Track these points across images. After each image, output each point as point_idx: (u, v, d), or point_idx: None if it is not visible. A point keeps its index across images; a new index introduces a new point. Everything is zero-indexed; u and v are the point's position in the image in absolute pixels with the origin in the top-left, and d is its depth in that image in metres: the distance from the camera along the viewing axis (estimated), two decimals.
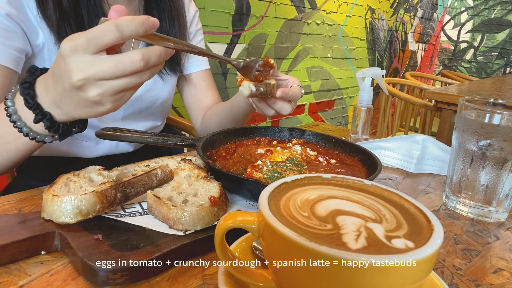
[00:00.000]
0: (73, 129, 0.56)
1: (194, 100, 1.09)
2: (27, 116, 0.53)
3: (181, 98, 1.12)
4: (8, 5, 0.70)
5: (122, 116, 0.92)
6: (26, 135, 0.55)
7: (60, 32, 0.73)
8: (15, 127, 0.54)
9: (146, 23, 0.45)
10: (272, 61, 0.72)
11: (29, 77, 0.53)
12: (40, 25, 0.74)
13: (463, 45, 5.17)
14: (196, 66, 1.06)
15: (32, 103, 0.52)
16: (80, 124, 0.57)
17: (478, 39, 5.02)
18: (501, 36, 4.84)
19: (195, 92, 1.08)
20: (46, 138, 0.56)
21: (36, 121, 0.52)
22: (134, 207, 0.55)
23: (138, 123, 0.96)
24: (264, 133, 0.85)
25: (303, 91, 0.79)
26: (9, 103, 0.54)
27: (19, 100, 0.53)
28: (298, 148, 0.80)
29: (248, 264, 0.39)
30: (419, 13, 4.68)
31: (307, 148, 0.81)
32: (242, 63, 0.68)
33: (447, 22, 5.28)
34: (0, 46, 0.69)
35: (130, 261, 0.41)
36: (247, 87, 0.70)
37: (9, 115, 0.54)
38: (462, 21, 5.14)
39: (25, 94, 0.52)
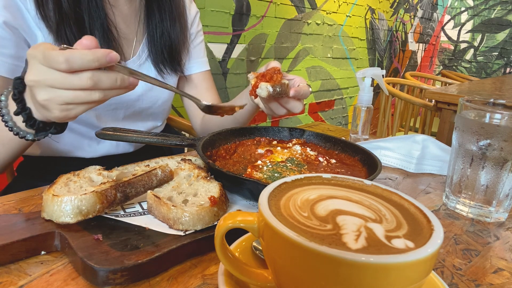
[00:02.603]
0: (48, 128, 0.59)
1: (192, 103, 1.09)
2: (13, 109, 0.56)
3: (181, 98, 1.12)
4: (4, 11, 0.69)
5: (123, 116, 0.92)
6: (11, 129, 0.58)
7: (59, 32, 0.73)
8: (3, 120, 0.57)
9: (101, 59, 0.48)
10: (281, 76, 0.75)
11: (23, 73, 0.56)
12: (39, 26, 0.74)
13: (463, 45, 5.17)
14: (197, 67, 1.06)
15: (18, 96, 0.55)
16: (57, 126, 0.59)
17: (478, 39, 5.01)
18: (501, 36, 4.84)
19: (195, 93, 1.08)
20: (27, 135, 0.59)
21: (16, 113, 0.56)
22: (134, 207, 0.55)
23: (139, 123, 0.96)
24: (264, 133, 0.85)
25: (310, 89, 0.81)
26: (2, 98, 0.58)
27: (10, 98, 0.57)
28: (298, 148, 0.80)
29: (248, 264, 0.39)
30: (419, 13, 4.68)
31: (307, 148, 0.81)
32: (204, 105, 0.70)
33: (447, 22, 5.28)
34: None
35: (130, 261, 0.41)
36: (264, 88, 0.72)
37: (0, 108, 0.58)
38: (462, 21, 5.14)
39: (14, 87, 0.55)
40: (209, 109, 0.69)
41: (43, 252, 0.45)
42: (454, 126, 0.67)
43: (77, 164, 0.74)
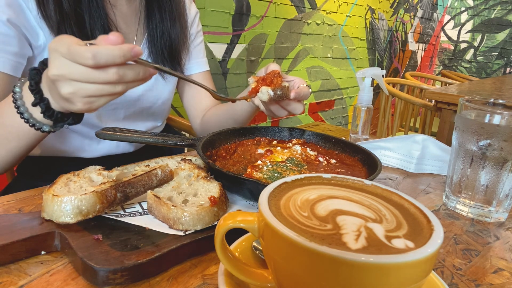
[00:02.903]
0: (66, 119, 0.59)
1: (194, 101, 1.09)
2: (30, 101, 0.56)
3: (180, 98, 1.12)
4: (7, 9, 0.70)
5: (124, 116, 0.92)
6: (27, 121, 0.58)
7: (60, 32, 0.73)
8: (19, 112, 0.57)
9: (127, 54, 0.48)
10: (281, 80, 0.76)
11: (39, 65, 0.57)
12: (40, 26, 0.74)
13: (463, 45, 5.16)
14: (197, 67, 1.06)
15: (35, 87, 0.55)
16: (75, 117, 0.60)
17: (478, 39, 5.01)
18: (501, 36, 4.84)
19: (195, 93, 1.08)
20: (44, 127, 0.59)
21: (33, 104, 0.55)
22: (134, 207, 0.55)
23: (139, 123, 0.96)
24: (264, 133, 0.85)
25: (310, 90, 0.81)
26: (17, 89, 0.58)
27: (26, 86, 0.57)
28: (298, 148, 0.80)
29: (248, 264, 0.39)
30: (419, 13, 4.68)
31: (307, 148, 0.81)
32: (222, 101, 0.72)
33: (447, 22, 5.28)
34: None
35: (130, 261, 0.41)
36: (265, 92, 0.72)
37: (15, 100, 0.57)
38: (462, 21, 5.13)
39: (31, 78, 0.55)
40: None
41: (43, 252, 0.45)
42: (454, 126, 0.67)
43: (77, 164, 0.74)
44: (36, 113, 0.57)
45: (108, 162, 0.68)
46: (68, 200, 0.46)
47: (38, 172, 0.92)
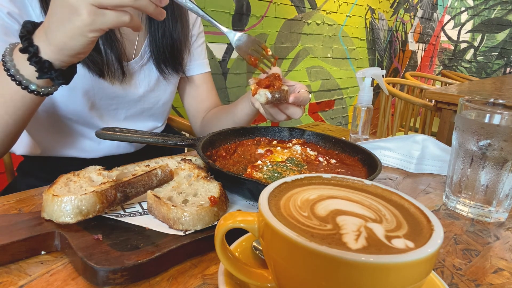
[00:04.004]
0: (53, 73, 0.57)
1: (194, 103, 1.09)
2: (21, 60, 0.56)
3: (181, 99, 1.12)
4: (10, 3, 0.70)
5: (124, 117, 0.92)
6: (13, 78, 0.56)
7: None
8: (5, 69, 0.56)
9: None
10: (270, 52, 0.74)
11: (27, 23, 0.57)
12: None
13: (463, 45, 5.16)
14: (198, 68, 1.06)
15: (25, 34, 0.55)
16: (64, 75, 0.58)
17: (478, 39, 5.01)
18: (501, 36, 4.84)
19: (196, 95, 1.08)
20: (31, 85, 0.58)
21: (22, 49, 0.55)
22: (134, 207, 0.55)
23: (140, 123, 0.97)
24: (264, 133, 0.85)
25: (310, 95, 0.81)
26: (7, 47, 0.58)
27: (16, 50, 0.57)
28: (298, 148, 0.80)
29: (248, 264, 0.39)
30: (419, 13, 4.68)
31: (307, 148, 0.81)
32: (238, 40, 0.69)
33: (447, 22, 5.28)
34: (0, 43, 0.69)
35: (130, 261, 0.41)
36: (263, 94, 0.72)
37: (3, 56, 0.57)
38: (462, 21, 5.14)
39: (23, 26, 0.56)
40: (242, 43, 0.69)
41: (43, 252, 0.45)
42: (454, 126, 0.67)
43: (78, 164, 0.74)
44: (23, 67, 0.56)
45: (108, 162, 0.68)
46: (68, 200, 0.46)
47: (38, 172, 0.92)
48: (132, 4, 0.50)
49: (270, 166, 0.68)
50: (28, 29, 0.56)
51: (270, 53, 0.74)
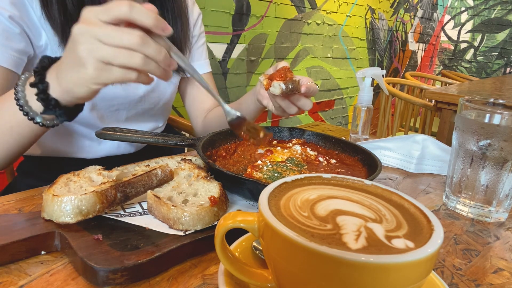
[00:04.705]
0: (58, 110, 0.57)
1: (195, 103, 1.09)
2: (31, 93, 0.56)
3: (182, 99, 1.12)
4: (11, 6, 0.70)
5: (125, 117, 0.92)
6: (21, 108, 0.57)
7: (64, 33, 0.73)
8: (16, 98, 0.57)
9: (160, 22, 0.49)
10: (261, 134, 0.72)
11: (53, 58, 0.58)
12: (43, 27, 0.74)
13: (463, 45, 5.16)
14: (199, 68, 1.06)
15: (39, 70, 0.56)
16: (69, 112, 0.59)
17: (478, 39, 5.01)
18: (501, 36, 4.84)
19: (197, 95, 1.08)
20: (36, 117, 0.58)
21: (32, 84, 0.55)
22: (134, 207, 0.55)
23: (141, 124, 0.96)
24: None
25: (317, 87, 0.82)
26: (22, 77, 0.59)
27: (30, 77, 0.58)
28: (298, 148, 0.80)
29: (248, 264, 0.39)
30: (419, 13, 4.68)
31: (307, 148, 0.81)
32: (234, 118, 0.67)
33: (447, 22, 5.28)
34: (1, 48, 0.69)
35: (130, 261, 0.41)
36: (277, 86, 0.73)
37: (16, 86, 0.58)
38: (462, 21, 5.13)
39: (40, 61, 0.56)
40: (237, 122, 0.66)
41: (43, 252, 0.45)
42: (454, 126, 0.67)
43: (78, 164, 0.74)
44: (32, 100, 0.57)
45: (108, 162, 0.68)
46: (68, 200, 0.46)
47: (38, 172, 0.92)
48: (139, 68, 0.50)
49: (270, 166, 0.68)
50: (44, 65, 0.56)
51: (261, 135, 0.74)
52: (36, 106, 0.57)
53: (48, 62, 0.57)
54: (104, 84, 0.52)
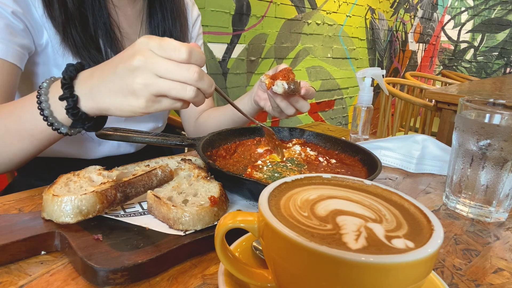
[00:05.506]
0: (87, 122, 0.57)
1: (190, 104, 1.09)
2: (56, 96, 0.55)
3: None
4: (14, 3, 0.70)
5: (125, 118, 0.92)
6: (46, 119, 0.56)
7: (66, 32, 0.74)
8: (39, 108, 0.56)
9: (207, 81, 0.52)
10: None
11: (76, 64, 0.57)
12: (45, 25, 0.74)
13: (463, 45, 5.16)
14: None
15: (68, 81, 0.54)
16: (96, 123, 0.59)
17: (478, 39, 5.01)
18: (501, 36, 4.84)
19: None
20: (62, 128, 0.58)
21: (61, 98, 0.54)
22: (134, 207, 0.55)
23: (141, 124, 0.97)
24: (264, 133, 0.85)
25: (315, 90, 0.83)
26: (44, 84, 0.57)
27: (56, 83, 0.57)
28: (298, 148, 0.80)
29: (248, 264, 0.39)
30: (419, 13, 4.68)
31: (307, 148, 0.81)
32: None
33: (447, 22, 5.28)
34: (5, 42, 0.69)
35: (130, 261, 0.41)
36: (280, 85, 0.75)
37: (39, 95, 0.56)
38: (462, 21, 5.13)
39: (66, 72, 0.55)
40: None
41: (43, 252, 0.45)
42: (454, 126, 0.67)
43: (78, 165, 0.74)
44: (58, 111, 0.56)
45: (109, 162, 0.68)
46: (68, 200, 0.46)
47: (38, 172, 0.92)
48: (190, 100, 0.51)
49: (270, 166, 0.68)
50: (72, 76, 0.55)
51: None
52: (62, 117, 0.56)
53: (75, 71, 0.56)
54: (150, 113, 0.53)
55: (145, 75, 0.49)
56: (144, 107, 0.51)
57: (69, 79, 0.55)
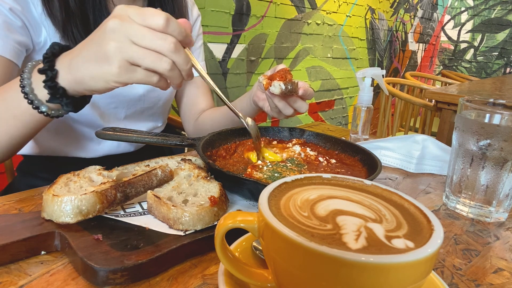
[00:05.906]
0: (65, 100, 0.56)
1: (190, 104, 1.09)
2: (38, 80, 0.55)
3: (176, 100, 1.12)
4: (12, 1, 0.70)
5: (124, 116, 0.92)
6: (26, 96, 0.56)
7: (66, 30, 0.74)
8: (21, 86, 0.56)
9: (188, 35, 0.52)
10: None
11: (62, 45, 0.57)
12: (43, 23, 0.74)
13: (463, 45, 5.16)
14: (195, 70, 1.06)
15: (50, 56, 0.54)
16: (76, 103, 0.58)
17: (478, 39, 5.01)
18: (501, 36, 4.84)
19: (192, 96, 1.08)
20: (42, 106, 0.57)
21: (41, 70, 0.54)
22: (134, 207, 0.55)
23: (140, 123, 0.97)
24: (264, 133, 0.85)
25: (313, 91, 0.83)
26: (29, 64, 0.58)
27: (39, 64, 0.57)
28: (298, 148, 0.80)
29: (248, 264, 0.39)
30: (419, 13, 4.68)
31: (307, 148, 0.81)
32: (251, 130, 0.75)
33: (447, 22, 5.28)
34: (3, 38, 0.69)
35: (130, 261, 0.41)
36: (278, 86, 0.75)
37: (22, 73, 0.57)
38: (462, 21, 5.13)
39: (50, 47, 0.55)
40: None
41: (43, 252, 0.45)
42: (454, 126, 0.67)
43: (78, 164, 0.74)
44: (38, 88, 0.56)
45: (108, 162, 0.68)
46: (68, 200, 0.46)
47: (38, 172, 0.92)
48: (165, 73, 0.50)
49: (270, 166, 0.68)
50: (54, 52, 0.55)
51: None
52: (42, 94, 0.56)
53: (59, 49, 0.56)
54: (123, 84, 0.52)
55: (119, 39, 0.48)
56: (117, 74, 0.50)
57: (51, 54, 0.55)
